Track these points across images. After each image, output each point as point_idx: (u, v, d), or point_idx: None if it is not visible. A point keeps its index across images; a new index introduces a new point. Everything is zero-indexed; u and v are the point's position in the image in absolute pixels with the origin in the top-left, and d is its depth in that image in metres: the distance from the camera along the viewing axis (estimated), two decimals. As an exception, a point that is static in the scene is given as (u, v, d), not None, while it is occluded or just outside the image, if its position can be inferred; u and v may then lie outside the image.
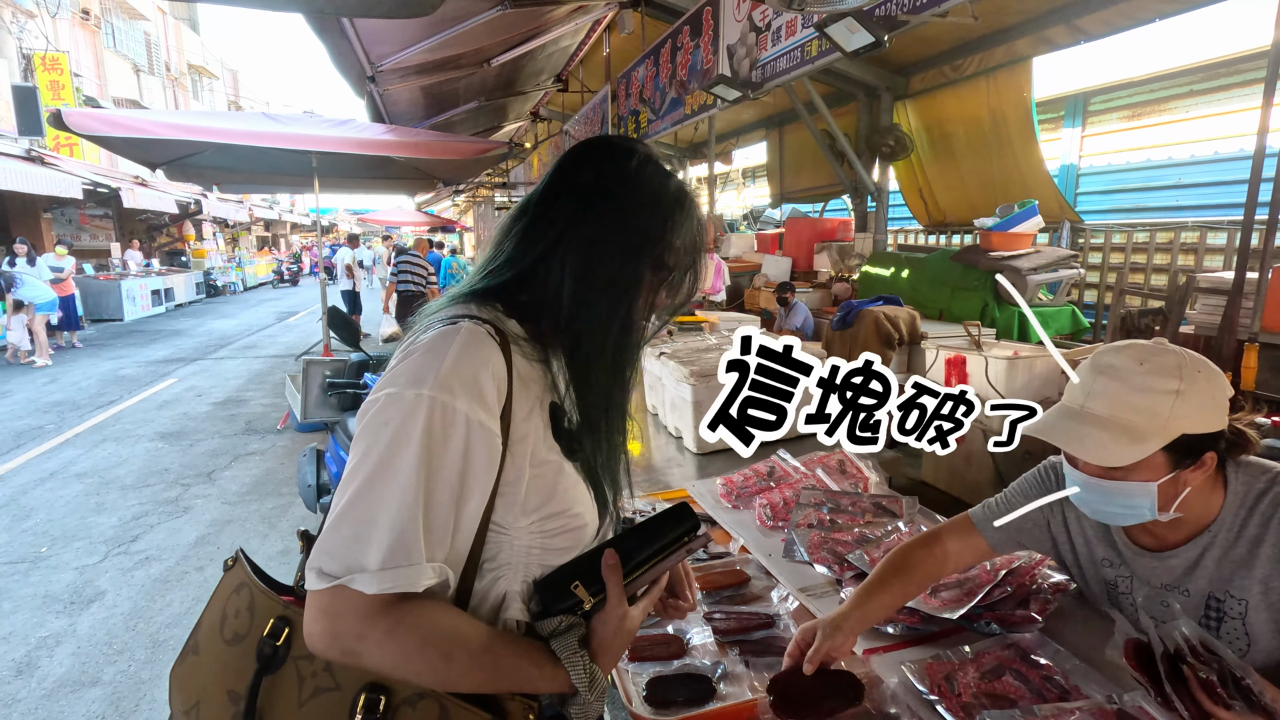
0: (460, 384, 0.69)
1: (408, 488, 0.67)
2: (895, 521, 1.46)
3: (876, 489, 1.67)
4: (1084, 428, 1.02)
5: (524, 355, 0.78)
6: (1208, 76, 5.36)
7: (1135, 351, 1.04)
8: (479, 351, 0.72)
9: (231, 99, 30.96)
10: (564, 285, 0.78)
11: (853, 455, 1.80)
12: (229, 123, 5.46)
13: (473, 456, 0.70)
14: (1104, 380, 1.03)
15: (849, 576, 1.31)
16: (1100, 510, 1.09)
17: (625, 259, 0.79)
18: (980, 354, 4.10)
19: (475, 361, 0.71)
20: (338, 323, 2.87)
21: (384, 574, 0.66)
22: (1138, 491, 1.02)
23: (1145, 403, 0.99)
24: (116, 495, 4.42)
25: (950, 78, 6.51)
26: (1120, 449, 0.99)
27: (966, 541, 1.24)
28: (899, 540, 1.38)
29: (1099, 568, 1.21)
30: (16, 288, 8.91)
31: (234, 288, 20.65)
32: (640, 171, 0.81)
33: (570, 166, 0.83)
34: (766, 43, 4.31)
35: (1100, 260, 6.02)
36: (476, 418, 0.69)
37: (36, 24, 14.10)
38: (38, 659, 2.73)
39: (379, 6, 2.01)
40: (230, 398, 7.02)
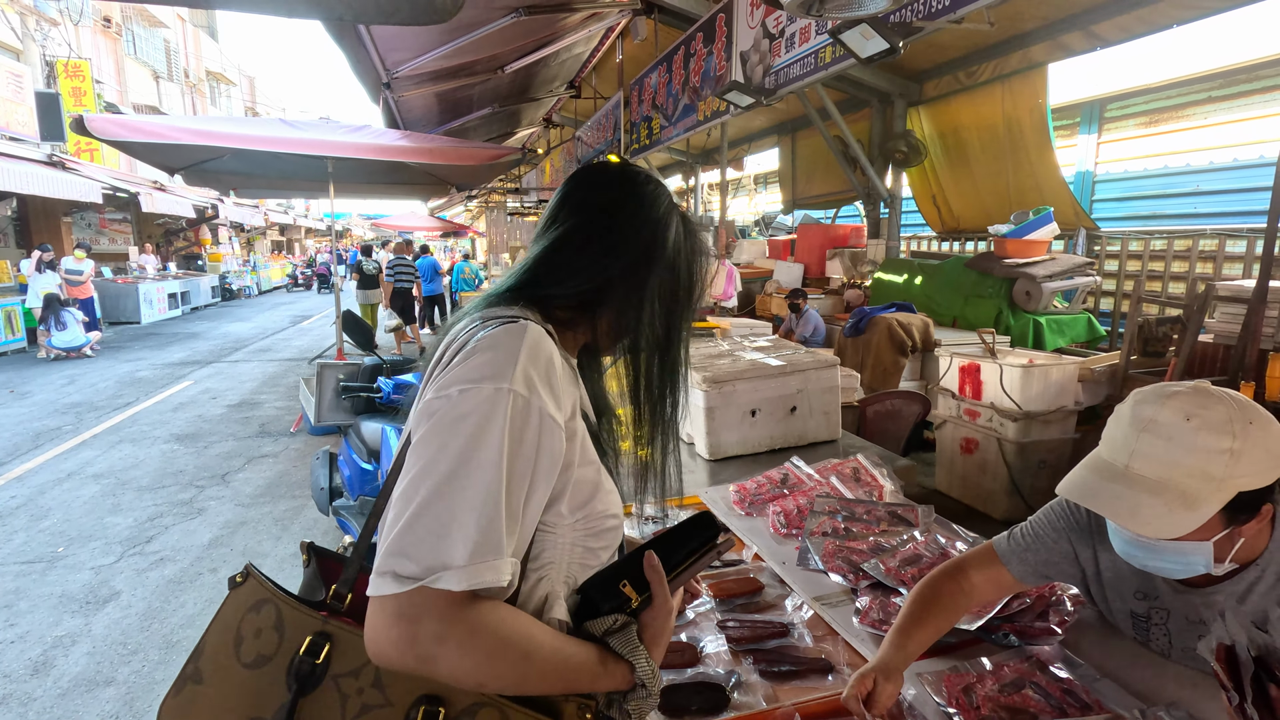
0: (535, 379, 0.71)
1: (494, 480, 0.66)
2: (911, 530, 1.45)
3: (891, 497, 1.66)
4: (1133, 493, 0.95)
5: (563, 358, 0.80)
6: (1227, 83, 5.30)
7: (1180, 404, 0.96)
8: (546, 348, 0.74)
9: (248, 105, 31.35)
10: (610, 298, 0.84)
11: (866, 464, 1.79)
12: (247, 128, 5.52)
13: (543, 451, 0.71)
14: (1149, 438, 0.96)
15: (864, 586, 1.30)
16: (1148, 564, 1.02)
17: (660, 270, 0.85)
18: (995, 362, 4.07)
19: (544, 358, 0.73)
20: (352, 326, 2.89)
21: (472, 569, 0.64)
22: (1191, 550, 0.96)
23: (1199, 465, 0.92)
24: (132, 496, 4.47)
25: (964, 84, 6.48)
26: (1175, 519, 0.92)
27: (990, 574, 1.17)
28: (914, 550, 1.36)
29: (1129, 600, 1.16)
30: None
31: (249, 291, 20.87)
32: (650, 187, 0.88)
33: (588, 186, 0.89)
34: (780, 49, 4.31)
35: (1117, 268, 5.96)
36: (549, 412, 0.71)
37: (60, 32, 14.35)
38: (53, 658, 2.76)
39: (397, 14, 2.03)
40: (245, 400, 7.08)
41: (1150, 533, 0.94)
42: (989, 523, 3.91)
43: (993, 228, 5.81)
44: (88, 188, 11.13)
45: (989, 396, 4.08)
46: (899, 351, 5.27)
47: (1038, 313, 5.46)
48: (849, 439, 2.76)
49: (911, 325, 5.30)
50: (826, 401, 2.67)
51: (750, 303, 7.89)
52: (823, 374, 2.65)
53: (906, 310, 5.56)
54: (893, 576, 1.29)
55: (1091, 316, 5.58)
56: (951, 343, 4.94)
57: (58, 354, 9.45)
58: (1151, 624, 1.13)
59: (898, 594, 1.25)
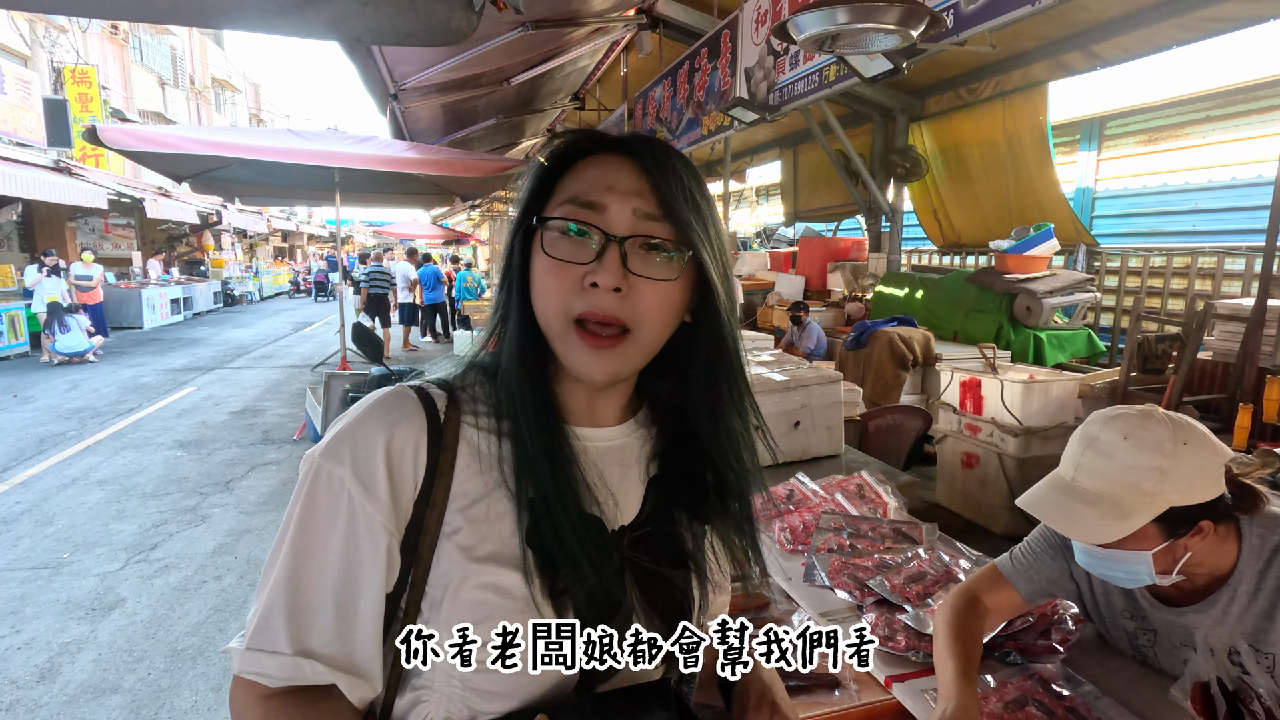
0: (351, 452, 0.61)
1: (281, 563, 0.60)
2: (915, 548, 1.48)
3: (896, 514, 1.69)
4: (1072, 503, 1.05)
5: (487, 428, 0.66)
6: (1225, 102, 5.37)
7: (1121, 424, 1.05)
8: (386, 416, 0.63)
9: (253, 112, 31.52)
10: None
11: (870, 480, 1.82)
12: (256, 139, 5.58)
13: (358, 540, 0.60)
14: (1091, 454, 1.06)
15: (870, 602, 1.33)
16: (1102, 573, 1.12)
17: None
18: (996, 377, 4.10)
19: (376, 428, 0.62)
20: (361, 338, 2.93)
21: (246, 655, 0.59)
22: (1133, 559, 1.04)
23: (1130, 479, 1.01)
24: (136, 503, 4.49)
25: (966, 100, 6.56)
26: (1106, 526, 1.01)
27: (1001, 596, 1.21)
28: (919, 567, 1.39)
29: (1118, 618, 1.22)
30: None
31: (251, 297, 20.92)
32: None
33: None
34: (784, 66, 4.37)
35: (1116, 284, 6.01)
36: (358, 495, 0.60)
37: (68, 38, 14.47)
38: (60, 665, 2.77)
39: (412, 36, 2.07)
40: (247, 407, 7.11)
41: (1079, 537, 1.05)
42: (989, 537, 3.93)
43: (994, 243, 5.86)
44: (93, 193, 11.20)
45: (990, 411, 4.11)
46: (900, 365, 5.30)
47: (1038, 328, 5.50)
48: (851, 454, 2.79)
49: (912, 339, 5.34)
50: (830, 416, 2.70)
51: (752, 315, 7.93)
52: (826, 389, 2.68)
53: (908, 324, 5.59)
54: (898, 593, 1.31)
55: (1091, 332, 5.62)
56: (952, 357, 4.98)
57: (61, 359, 9.47)
58: (1139, 643, 1.18)
59: (903, 610, 1.28)
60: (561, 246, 0.63)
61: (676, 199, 0.63)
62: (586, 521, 0.65)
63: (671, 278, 0.64)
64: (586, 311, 0.61)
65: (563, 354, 0.64)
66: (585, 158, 0.67)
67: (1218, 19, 4.29)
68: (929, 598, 1.29)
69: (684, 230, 0.63)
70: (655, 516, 0.71)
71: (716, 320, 0.68)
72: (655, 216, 0.63)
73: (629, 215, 0.63)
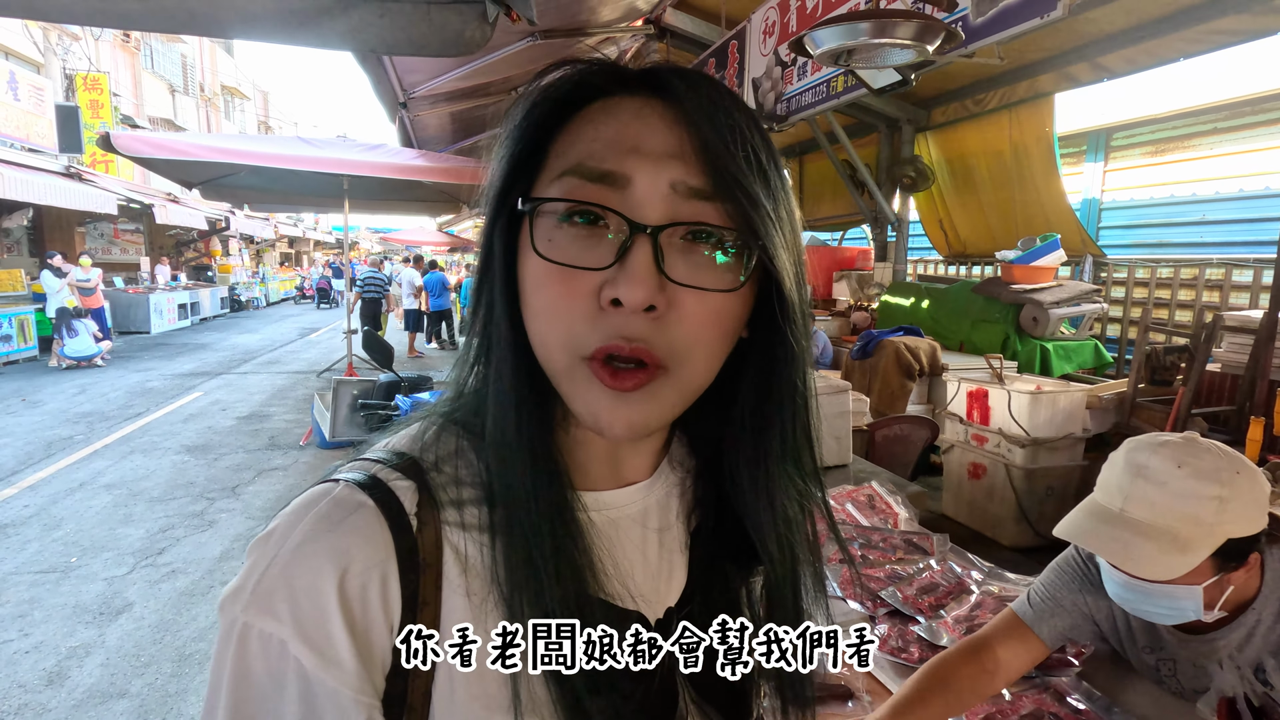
0: (290, 603, 0.41)
1: None
2: (927, 559, 1.48)
3: (906, 525, 1.69)
4: (1126, 535, 0.99)
5: (476, 524, 0.47)
6: (1233, 114, 5.38)
7: (1171, 452, 1.00)
8: (331, 541, 0.42)
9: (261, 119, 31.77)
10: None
11: (881, 490, 1.82)
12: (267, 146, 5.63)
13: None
14: (1142, 483, 1.00)
15: (882, 613, 1.33)
16: (1141, 609, 1.05)
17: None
18: (1003, 388, 4.10)
19: (320, 563, 0.42)
20: (372, 345, 2.94)
21: None
22: (1182, 595, 0.99)
23: (1189, 510, 0.96)
24: (144, 507, 4.50)
25: (972, 111, 6.57)
26: (1168, 560, 0.95)
27: (1020, 645, 1.12)
28: (930, 578, 1.39)
29: (1140, 653, 1.19)
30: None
31: (257, 303, 21.04)
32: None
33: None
34: (792, 77, 4.39)
35: (1123, 295, 6.00)
36: (311, 665, 0.40)
37: (81, 46, 14.62)
38: (68, 669, 2.78)
39: (427, 47, 2.09)
40: (254, 412, 7.13)
41: (1144, 574, 0.98)
42: (996, 548, 3.92)
43: (1000, 253, 5.86)
44: (103, 199, 11.28)
45: (997, 422, 4.10)
46: (906, 375, 5.30)
47: (1045, 339, 5.49)
48: (859, 464, 2.79)
49: (919, 349, 5.34)
50: (838, 426, 2.71)
51: (757, 323, 7.94)
52: (835, 399, 2.68)
53: (914, 334, 5.59)
54: (910, 605, 1.31)
55: (1098, 343, 5.61)
56: (958, 367, 4.97)
57: (70, 363, 9.53)
58: (1162, 675, 1.16)
59: (915, 621, 1.28)
60: (563, 244, 0.42)
61: (736, 161, 0.42)
62: (615, 627, 0.45)
63: (731, 287, 0.43)
64: (605, 346, 0.42)
65: (569, 396, 0.45)
66: (593, 102, 0.46)
67: (1225, 32, 4.30)
68: (941, 609, 1.29)
69: (749, 212, 0.43)
70: (704, 584, 0.55)
71: (782, 344, 0.48)
72: (704, 192, 0.43)
73: (664, 190, 0.42)
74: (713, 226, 0.43)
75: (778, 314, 0.46)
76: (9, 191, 8.91)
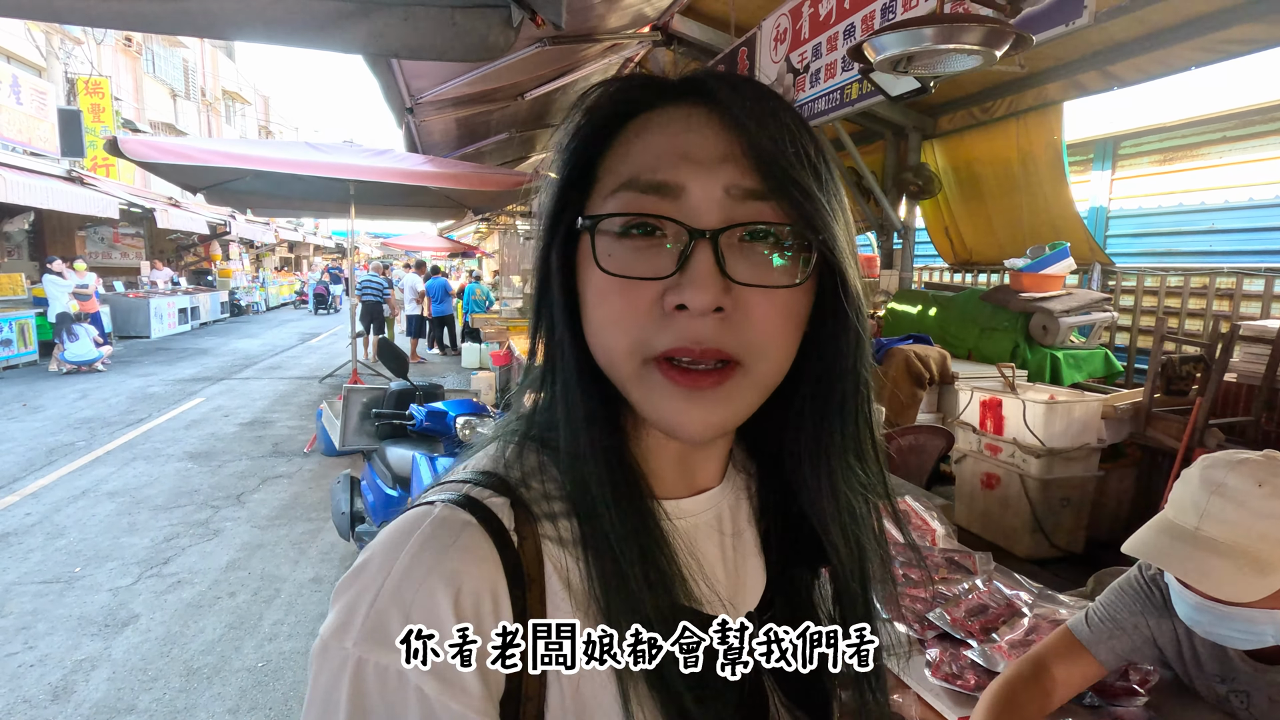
0: (403, 629, 0.40)
1: None
2: (972, 579, 1.44)
3: (944, 541, 1.65)
4: (1201, 554, 0.95)
5: (571, 538, 0.47)
6: (1243, 123, 5.37)
7: (1250, 470, 0.97)
8: (441, 561, 0.42)
9: (262, 124, 31.78)
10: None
11: (916, 506, 1.78)
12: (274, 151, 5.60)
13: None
14: (1219, 502, 0.97)
15: (931, 636, 1.29)
16: (1214, 632, 1.01)
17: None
18: (1017, 397, 4.07)
19: (433, 584, 0.41)
20: (388, 354, 2.91)
21: None
22: (1260, 618, 0.95)
23: (1271, 530, 0.93)
24: (148, 516, 4.45)
25: (979, 119, 6.56)
26: (1248, 582, 0.92)
27: (1077, 666, 1.10)
28: (979, 600, 1.35)
29: (1210, 681, 1.14)
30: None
31: (257, 307, 20.99)
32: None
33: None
34: (804, 84, 4.37)
35: (1132, 303, 5.98)
36: (435, 692, 0.40)
37: (83, 50, 14.61)
38: (74, 683, 2.73)
39: (450, 52, 2.06)
40: (257, 419, 7.08)
41: (1220, 594, 0.94)
42: (1011, 560, 3.87)
43: (1009, 261, 5.84)
44: (105, 203, 11.24)
45: (1011, 432, 4.07)
46: (916, 384, 5.26)
47: (1054, 347, 5.47)
48: (880, 475, 2.76)
49: (929, 357, 5.30)
50: (859, 437, 2.67)
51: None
52: (856, 410, 2.64)
53: (923, 342, 5.56)
54: (960, 628, 1.27)
55: (1109, 352, 5.59)
56: (968, 376, 4.94)
57: (70, 368, 9.46)
58: (1234, 707, 1.11)
59: (967, 646, 1.24)
60: (622, 256, 0.43)
61: (787, 159, 0.43)
62: (701, 634, 0.46)
63: (794, 281, 0.44)
64: (674, 348, 0.42)
65: (641, 403, 0.45)
66: (637, 117, 0.46)
67: (1237, 41, 4.29)
68: (993, 632, 1.25)
69: (805, 207, 0.43)
70: (781, 588, 0.56)
71: (846, 333, 0.48)
72: (759, 192, 0.43)
73: (719, 195, 0.43)
74: (770, 224, 0.43)
75: (842, 302, 0.47)
76: (11, 195, 8.87)
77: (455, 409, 2.67)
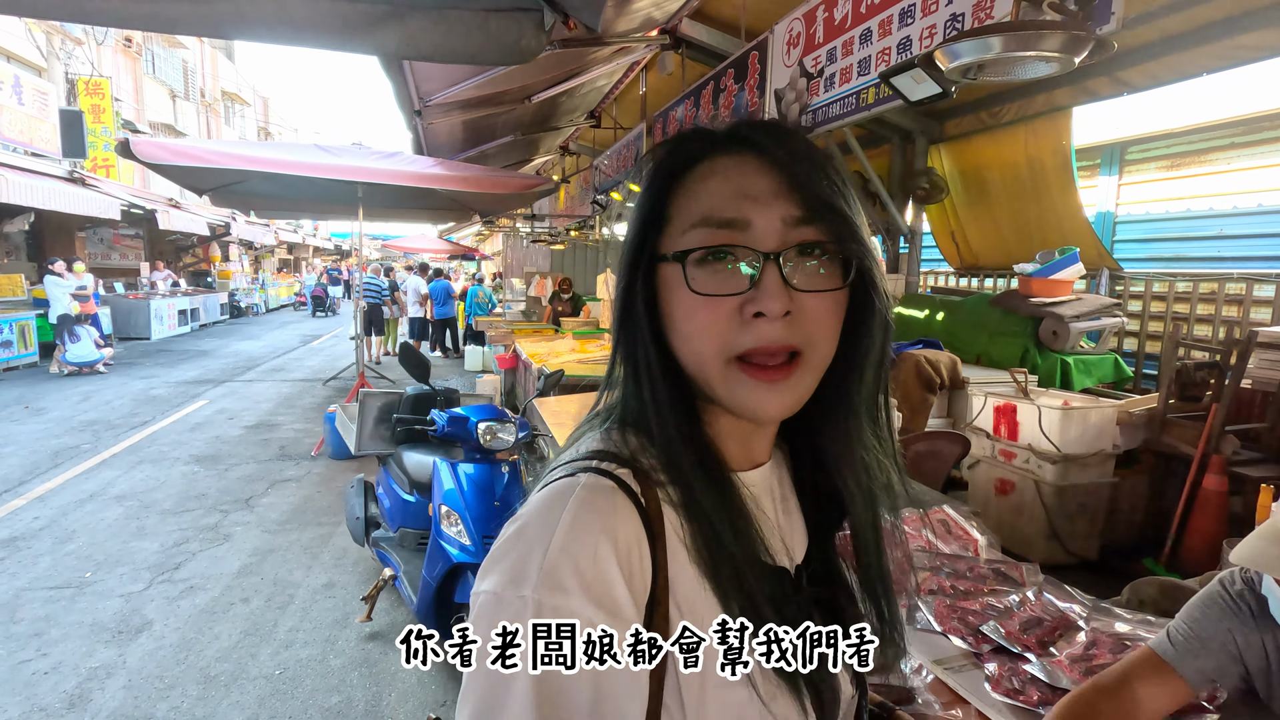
0: (578, 575, 0.49)
1: None
2: (1022, 591, 1.42)
3: (987, 552, 1.64)
4: None
5: (677, 502, 0.58)
6: (1251, 129, 5.39)
7: None
8: (602, 518, 0.52)
9: (261, 125, 31.71)
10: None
11: (955, 515, 1.77)
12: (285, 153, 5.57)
13: (607, 690, 0.50)
14: None
15: (987, 650, 1.27)
16: None
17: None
18: (1031, 403, 4.06)
19: (598, 536, 0.51)
20: (410, 360, 2.88)
21: None
22: None
23: None
24: (156, 520, 4.41)
25: (987, 124, 6.56)
26: None
27: (1162, 686, 1.05)
28: (1032, 612, 1.34)
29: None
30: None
31: (257, 309, 20.92)
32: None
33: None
34: (818, 88, 4.37)
35: (1140, 309, 5.98)
36: (599, 626, 0.49)
37: (84, 50, 14.56)
38: (89, 691, 2.69)
39: (481, 55, 2.05)
40: (262, 421, 7.04)
41: None
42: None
43: (1019, 266, 5.85)
44: (106, 204, 11.20)
45: (1025, 438, 4.06)
46: (927, 389, 5.26)
47: (1065, 352, 5.47)
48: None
49: (939, 362, 5.30)
50: (883, 444, 2.66)
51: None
52: (880, 416, 2.63)
53: (933, 346, 5.56)
54: (1016, 641, 1.26)
55: (1118, 358, 5.59)
56: (978, 381, 4.94)
57: (71, 369, 9.41)
58: None
59: (1025, 660, 1.22)
60: (706, 279, 0.54)
61: (824, 191, 0.55)
62: (777, 579, 0.60)
63: (839, 286, 0.56)
64: (754, 347, 0.54)
65: (726, 396, 0.56)
66: (697, 166, 0.58)
67: (1250, 47, 4.29)
68: (1050, 646, 1.23)
69: (840, 227, 0.55)
70: (820, 544, 0.67)
71: (875, 323, 0.60)
72: (805, 218, 0.55)
73: (777, 225, 0.54)
74: (817, 243, 0.55)
75: (873, 298, 0.59)
76: (13, 196, 8.82)
77: (477, 414, 2.65)
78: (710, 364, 0.55)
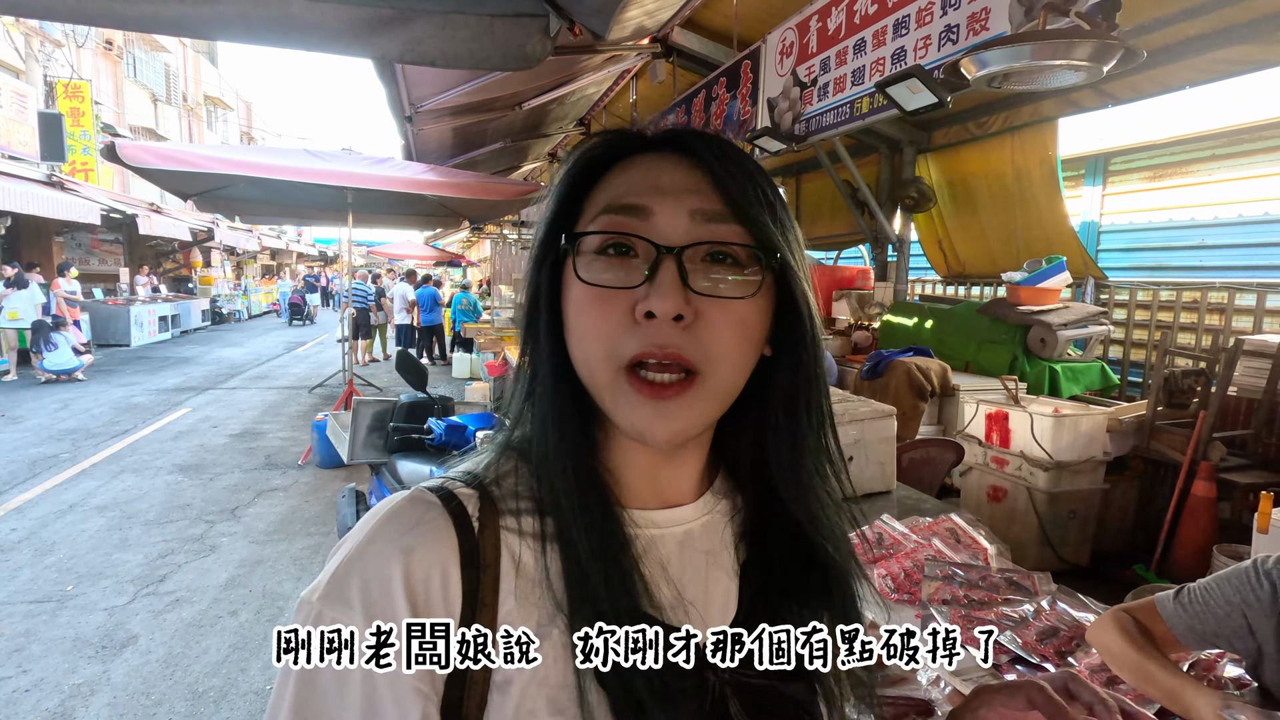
0: (361, 591, 0.46)
1: None
2: (1035, 600, 1.42)
3: (996, 560, 1.64)
4: None
5: (532, 532, 0.52)
6: (1231, 141, 5.50)
7: None
8: (398, 535, 0.48)
9: (244, 130, 31.40)
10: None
11: (963, 523, 1.77)
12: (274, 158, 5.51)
13: (381, 715, 0.45)
14: None
15: (1005, 661, 1.27)
16: None
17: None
18: (1023, 410, 4.10)
19: (388, 554, 0.47)
20: (407, 367, 2.85)
21: None
22: None
23: None
24: (140, 531, 4.31)
25: (974, 134, 6.65)
26: None
27: (1153, 630, 1.14)
28: (1047, 622, 1.33)
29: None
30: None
31: (239, 315, 20.63)
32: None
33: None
34: (812, 98, 4.40)
35: (1125, 317, 6.07)
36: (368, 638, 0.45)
37: (63, 53, 14.34)
38: (73, 709, 2.62)
39: (487, 61, 2.03)
40: (247, 430, 6.93)
41: None
42: (1021, 573, 3.89)
43: (1006, 275, 5.91)
44: (86, 209, 11.02)
45: (1017, 445, 4.09)
46: (918, 396, 5.29)
47: (1053, 360, 5.53)
48: (902, 489, 2.75)
49: (930, 370, 5.34)
50: (882, 452, 2.67)
51: (759, 341, 7.93)
52: (880, 423, 2.64)
53: (924, 354, 5.60)
54: (1034, 651, 1.25)
55: (1105, 365, 5.66)
56: (968, 388, 4.98)
57: (48, 377, 9.21)
58: None
59: (1043, 669, 1.22)
60: (600, 269, 0.49)
61: (746, 193, 0.50)
62: (661, 641, 0.48)
63: (747, 294, 0.49)
64: (642, 352, 0.47)
65: (612, 410, 0.50)
66: (621, 161, 0.53)
67: (1233, 61, 4.38)
68: (1069, 657, 1.23)
69: (760, 230, 0.49)
70: (756, 614, 0.55)
71: (804, 352, 0.54)
72: (720, 216, 0.49)
73: (684, 218, 0.49)
74: (730, 244, 0.50)
75: (802, 322, 0.53)
76: (-10, 200, 8.65)
77: (474, 422, 2.62)
78: (599, 370, 0.49)
